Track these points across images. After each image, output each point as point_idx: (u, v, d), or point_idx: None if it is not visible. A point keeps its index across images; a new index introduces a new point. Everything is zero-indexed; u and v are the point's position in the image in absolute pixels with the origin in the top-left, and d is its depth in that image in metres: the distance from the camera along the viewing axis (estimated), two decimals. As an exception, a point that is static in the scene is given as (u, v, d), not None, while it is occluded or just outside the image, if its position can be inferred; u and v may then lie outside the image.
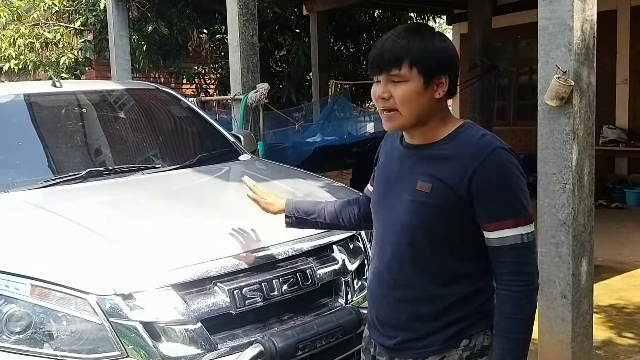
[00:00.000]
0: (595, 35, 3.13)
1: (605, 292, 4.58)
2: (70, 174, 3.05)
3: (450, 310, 1.61)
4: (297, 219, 2.16)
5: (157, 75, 10.74)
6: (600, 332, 3.86)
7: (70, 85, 3.91)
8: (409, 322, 1.65)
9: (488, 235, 1.55)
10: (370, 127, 8.37)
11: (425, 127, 1.61)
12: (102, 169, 3.18)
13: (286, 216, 2.17)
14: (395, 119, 1.58)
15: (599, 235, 4.55)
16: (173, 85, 10.25)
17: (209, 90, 10.78)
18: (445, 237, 1.58)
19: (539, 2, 3.13)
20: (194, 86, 10.54)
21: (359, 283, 2.67)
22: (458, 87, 1.69)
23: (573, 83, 3.03)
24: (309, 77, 9.98)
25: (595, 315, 3.41)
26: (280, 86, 9.94)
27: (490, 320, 1.63)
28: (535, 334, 3.31)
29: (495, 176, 1.51)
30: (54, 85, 3.57)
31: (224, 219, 2.67)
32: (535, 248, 1.58)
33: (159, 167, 3.35)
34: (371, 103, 10.94)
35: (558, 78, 3.01)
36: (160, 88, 4.07)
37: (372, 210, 1.78)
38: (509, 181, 1.52)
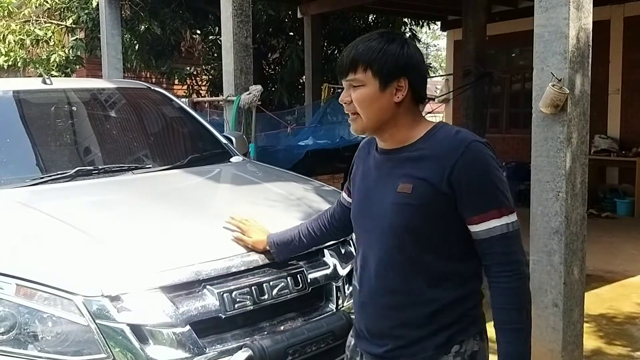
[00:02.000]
0: (591, 44, 3.14)
1: (595, 301, 4.58)
2: (59, 172, 3.00)
3: (440, 314, 1.60)
4: (280, 251, 2.27)
5: (148, 75, 10.68)
6: (590, 341, 3.85)
7: (61, 83, 3.86)
8: (399, 328, 1.63)
9: (474, 228, 1.56)
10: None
11: (393, 131, 1.62)
12: (91, 168, 3.13)
13: (271, 252, 2.31)
14: (357, 122, 1.63)
15: (589, 245, 4.54)
16: (165, 85, 10.21)
17: (200, 91, 10.74)
18: (430, 238, 1.59)
19: (535, 9, 3.13)
20: (185, 87, 10.50)
21: (350, 288, 2.64)
22: (435, 93, 1.77)
23: (568, 91, 3.03)
24: (301, 80, 9.97)
25: (585, 325, 3.41)
26: (273, 89, 9.92)
27: (480, 325, 1.65)
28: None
29: (474, 169, 1.53)
30: (44, 82, 3.53)
31: (215, 221, 2.63)
32: (521, 237, 1.59)
33: (150, 167, 3.30)
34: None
35: (553, 86, 3.01)
36: (152, 87, 4.02)
37: (353, 221, 1.78)
38: (488, 173, 1.54)
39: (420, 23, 11.32)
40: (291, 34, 10.31)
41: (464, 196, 1.53)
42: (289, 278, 2.40)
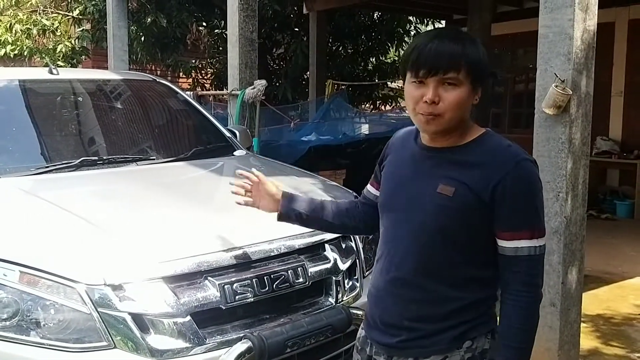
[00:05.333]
0: (595, 46, 3.15)
1: (593, 302, 4.60)
2: (63, 162, 3.03)
3: (459, 312, 1.62)
4: (290, 213, 2.02)
5: (154, 68, 10.69)
6: (587, 341, 3.87)
7: (67, 73, 3.88)
8: (416, 322, 1.65)
9: (503, 244, 1.57)
10: (365, 129, 8.37)
11: (457, 132, 1.61)
12: (96, 158, 3.16)
13: (281, 211, 2.03)
14: (438, 122, 1.56)
15: (588, 246, 4.56)
16: (170, 78, 10.21)
17: (205, 84, 10.75)
18: (460, 241, 1.59)
19: (540, 10, 3.14)
20: (190, 80, 10.51)
21: (350, 283, 2.67)
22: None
23: (571, 92, 3.03)
24: (306, 76, 9.97)
25: (582, 325, 3.42)
26: (277, 84, 9.92)
27: (492, 324, 1.66)
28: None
29: (521, 187, 1.53)
30: (51, 72, 3.55)
31: (217, 214, 2.66)
32: (544, 262, 1.61)
33: (154, 159, 3.33)
34: (367, 104, 10.94)
35: (556, 86, 3.02)
36: (158, 80, 4.05)
37: (381, 210, 1.76)
38: (532, 194, 1.55)
39: (426, 21, 11.30)
40: (296, 29, 10.30)
41: (503, 210, 1.54)
42: (289, 271, 2.42)
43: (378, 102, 10.97)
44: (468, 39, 1.58)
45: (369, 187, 1.97)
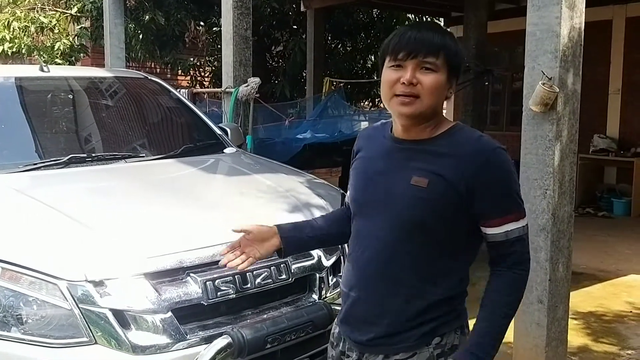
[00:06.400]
0: (582, 43, 3.14)
1: (586, 299, 4.60)
2: (52, 159, 3.04)
3: (434, 308, 1.62)
4: (290, 244, 1.86)
5: (153, 65, 10.70)
6: (577, 338, 3.88)
7: (58, 71, 3.89)
8: (387, 317, 1.64)
9: (492, 231, 1.60)
10: (363, 126, 8.36)
11: (430, 122, 1.63)
12: (84, 155, 3.17)
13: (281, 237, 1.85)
14: (415, 105, 1.57)
15: (583, 243, 4.59)
16: (169, 75, 10.22)
17: (204, 82, 10.76)
18: (436, 234, 1.60)
19: (527, 7, 3.15)
20: (189, 78, 10.51)
21: (334, 280, 2.67)
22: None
23: (558, 90, 3.03)
24: (304, 74, 9.96)
25: (573, 322, 3.43)
26: (276, 82, 9.92)
27: (463, 319, 1.68)
28: (510, 338, 3.36)
29: (500, 175, 1.58)
30: (42, 69, 3.56)
31: (202, 210, 2.67)
32: None
33: (143, 156, 3.34)
34: (365, 102, 10.94)
35: (543, 84, 3.02)
36: (149, 77, 4.05)
37: (353, 206, 1.75)
38: (512, 179, 1.61)
39: (424, 19, 11.27)
40: (295, 27, 10.29)
41: (486, 200, 1.58)
42: (272, 268, 2.43)
43: (377, 99, 10.96)
44: (447, 33, 1.64)
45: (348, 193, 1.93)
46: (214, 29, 9.56)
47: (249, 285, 2.35)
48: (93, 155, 3.21)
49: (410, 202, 1.59)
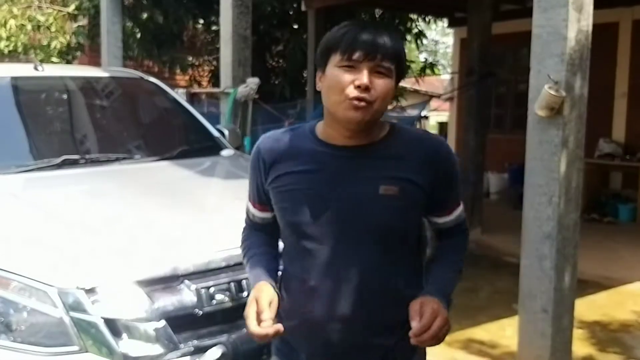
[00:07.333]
0: (590, 47, 3.07)
1: (590, 308, 4.52)
2: (44, 161, 2.98)
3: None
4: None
5: (151, 65, 10.63)
6: (582, 348, 3.80)
7: (52, 70, 3.82)
8: (378, 337, 1.56)
9: (444, 219, 1.65)
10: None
11: (373, 127, 1.55)
12: (77, 157, 3.09)
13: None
14: (368, 110, 1.47)
15: (588, 250, 4.51)
16: (167, 75, 10.14)
17: (202, 82, 10.69)
18: (409, 236, 1.61)
19: (533, 9, 3.08)
20: (187, 77, 10.44)
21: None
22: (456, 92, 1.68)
23: (564, 94, 2.97)
24: (305, 74, 9.88)
25: (578, 331, 3.35)
26: (276, 82, 9.85)
27: None
28: (514, 347, 3.28)
29: (451, 169, 1.61)
30: (36, 68, 3.49)
31: (197, 215, 2.60)
32: None
33: (138, 158, 3.27)
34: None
35: (549, 88, 2.95)
36: (145, 77, 3.97)
37: (299, 230, 1.56)
38: (458, 173, 1.66)
39: (427, 19, 11.21)
40: (295, 26, 10.22)
41: (442, 194, 1.59)
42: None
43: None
44: (399, 37, 1.61)
45: (256, 212, 1.73)
46: (213, 27, 9.50)
47: (244, 294, 2.27)
48: (87, 157, 3.13)
49: (385, 212, 1.51)
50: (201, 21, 9.88)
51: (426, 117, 16.68)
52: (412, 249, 1.64)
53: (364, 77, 1.45)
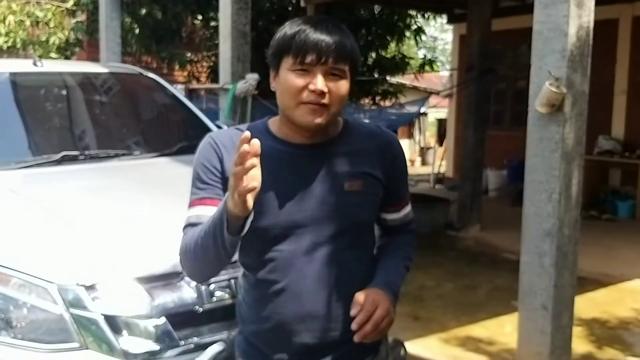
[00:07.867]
0: (591, 43, 3.06)
1: (590, 305, 4.52)
2: (43, 157, 2.97)
3: None
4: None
5: (150, 60, 10.59)
6: (581, 345, 3.80)
7: (51, 65, 3.79)
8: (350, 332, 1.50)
9: (393, 215, 1.68)
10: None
11: (331, 125, 1.53)
12: (77, 153, 3.09)
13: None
14: (325, 114, 1.44)
15: (587, 247, 4.52)
16: (165, 70, 10.11)
17: (201, 78, 10.66)
18: (372, 229, 1.64)
19: (534, 5, 3.07)
20: (186, 73, 10.41)
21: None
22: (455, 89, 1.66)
23: (565, 91, 2.96)
24: (304, 71, 9.87)
25: (577, 329, 3.35)
26: (275, 78, 9.82)
27: None
28: (513, 345, 3.28)
29: (403, 164, 1.65)
30: (35, 64, 3.48)
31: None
32: None
33: (137, 155, 3.26)
34: (366, 100, 10.85)
35: (550, 84, 2.94)
36: (145, 73, 3.95)
37: (266, 233, 1.49)
38: (407, 168, 1.70)
39: (426, 16, 11.18)
40: (295, 23, 10.20)
41: (396, 187, 1.62)
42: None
43: (377, 97, 10.87)
44: (350, 33, 1.50)
45: (208, 211, 1.55)
46: (212, 23, 9.47)
47: (245, 291, 2.27)
48: (86, 153, 3.13)
49: (352, 208, 1.51)
50: (200, 17, 9.85)
51: (425, 114, 16.68)
52: (372, 244, 1.66)
53: (318, 83, 1.41)
